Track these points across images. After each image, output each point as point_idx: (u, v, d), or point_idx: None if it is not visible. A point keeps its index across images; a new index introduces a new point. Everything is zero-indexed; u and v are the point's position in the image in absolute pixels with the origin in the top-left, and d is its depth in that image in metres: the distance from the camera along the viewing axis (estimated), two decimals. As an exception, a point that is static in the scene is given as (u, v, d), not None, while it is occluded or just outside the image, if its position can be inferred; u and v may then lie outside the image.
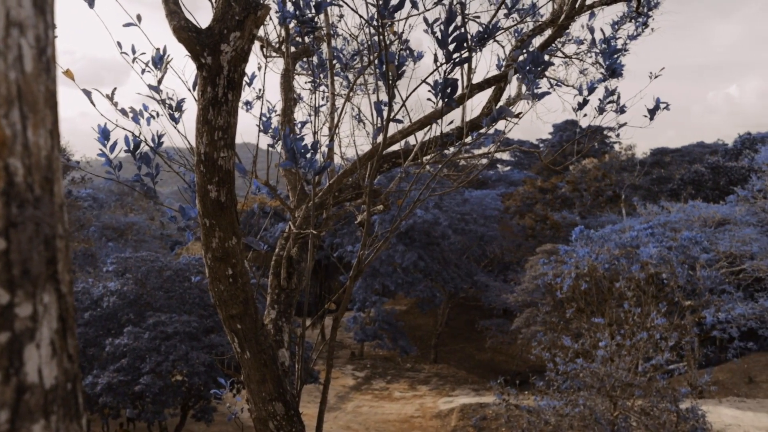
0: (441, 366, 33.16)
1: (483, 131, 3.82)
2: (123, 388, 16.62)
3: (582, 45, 6.36)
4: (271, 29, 5.95)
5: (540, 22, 5.35)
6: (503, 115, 3.21)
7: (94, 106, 3.42)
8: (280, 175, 5.49)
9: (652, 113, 4.31)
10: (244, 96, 5.39)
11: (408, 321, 39.66)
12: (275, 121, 5.29)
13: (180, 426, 19.53)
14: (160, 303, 20.25)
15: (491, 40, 3.61)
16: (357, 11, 3.76)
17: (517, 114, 4.19)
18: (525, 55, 3.41)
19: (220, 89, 2.61)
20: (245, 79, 4.73)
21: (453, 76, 2.97)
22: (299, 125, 5.44)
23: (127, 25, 3.60)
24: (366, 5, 3.42)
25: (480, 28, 3.62)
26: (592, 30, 4.38)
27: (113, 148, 3.37)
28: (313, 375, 20.71)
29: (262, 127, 4.44)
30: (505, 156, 54.70)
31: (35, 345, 0.58)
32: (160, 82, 3.73)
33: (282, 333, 4.16)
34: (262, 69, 5.09)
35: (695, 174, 39.12)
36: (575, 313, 21.48)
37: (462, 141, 3.96)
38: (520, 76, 4.59)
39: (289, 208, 4.70)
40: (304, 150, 3.05)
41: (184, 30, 2.59)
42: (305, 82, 6.65)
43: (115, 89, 3.68)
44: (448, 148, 4.56)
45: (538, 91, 3.43)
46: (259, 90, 5.98)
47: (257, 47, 5.93)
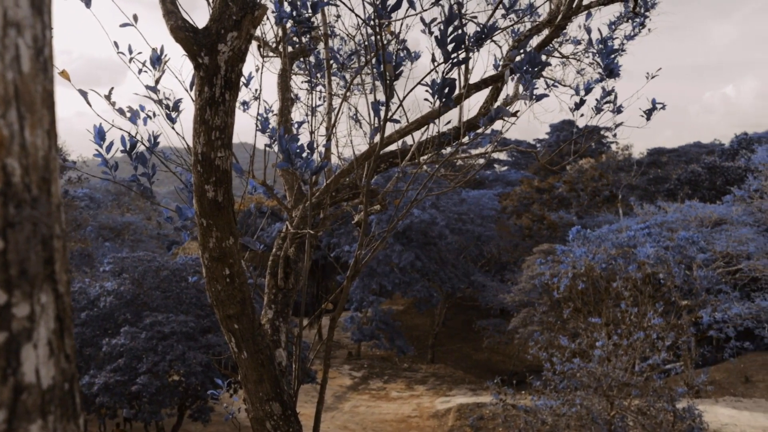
0: (438, 366, 33.17)
1: (480, 131, 3.83)
2: (120, 388, 16.58)
3: (579, 45, 6.38)
4: (268, 29, 5.95)
5: (537, 22, 5.36)
6: (500, 115, 3.21)
7: (90, 106, 3.40)
8: (277, 175, 5.49)
9: (648, 113, 4.32)
10: (241, 96, 5.38)
11: (405, 321, 39.70)
12: (273, 121, 5.29)
13: (177, 426, 19.51)
14: (157, 303, 20.21)
15: (489, 40, 3.62)
16: (354, 11, 3.76)
17: (514, 113, 4.20)
18: (522, 56, 3.42)
19: (217, 89, 2.61)
20: (242, 79, 4.72)
21: (450, 76, 2.97)
22: (296, 125, 5.44)
23: (124, 26, 3.59)
24: (363, 5, 3.42)
25: (477, 28, 3.63)
26: (589, 30, 4.39)
27: (109, 148, 3.36)
28: (311, 375, 20.71)
29: (259, 127, 4.44)
30: (502, 156, 54.78)
31: (32, 345, 0.58)
32: (157, 82, 3.72)
33: (279, 333, 4.16)
34: (259, 69, 5.09)
35: (692, 174, 39.22)
36: (572, 313, 21.50)
37: (459, 141, 3.97)
38: (517, 76, 4.60)
39: (286, 208, 4.70)
40: (299, 150, 3.05)
41: (181, 30, 2.59)
42: (302, 82, 6.65)
43: (113, 89, 3.67)
44: (445, 148, 4.56)
45: (535, 92, 3.43)
46: (256, 90, 5.97)
47: (254, 47, 5.93)
